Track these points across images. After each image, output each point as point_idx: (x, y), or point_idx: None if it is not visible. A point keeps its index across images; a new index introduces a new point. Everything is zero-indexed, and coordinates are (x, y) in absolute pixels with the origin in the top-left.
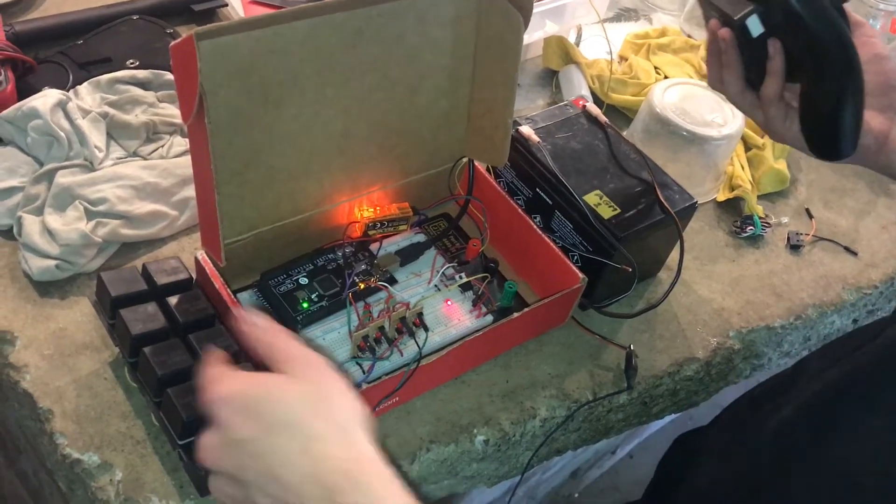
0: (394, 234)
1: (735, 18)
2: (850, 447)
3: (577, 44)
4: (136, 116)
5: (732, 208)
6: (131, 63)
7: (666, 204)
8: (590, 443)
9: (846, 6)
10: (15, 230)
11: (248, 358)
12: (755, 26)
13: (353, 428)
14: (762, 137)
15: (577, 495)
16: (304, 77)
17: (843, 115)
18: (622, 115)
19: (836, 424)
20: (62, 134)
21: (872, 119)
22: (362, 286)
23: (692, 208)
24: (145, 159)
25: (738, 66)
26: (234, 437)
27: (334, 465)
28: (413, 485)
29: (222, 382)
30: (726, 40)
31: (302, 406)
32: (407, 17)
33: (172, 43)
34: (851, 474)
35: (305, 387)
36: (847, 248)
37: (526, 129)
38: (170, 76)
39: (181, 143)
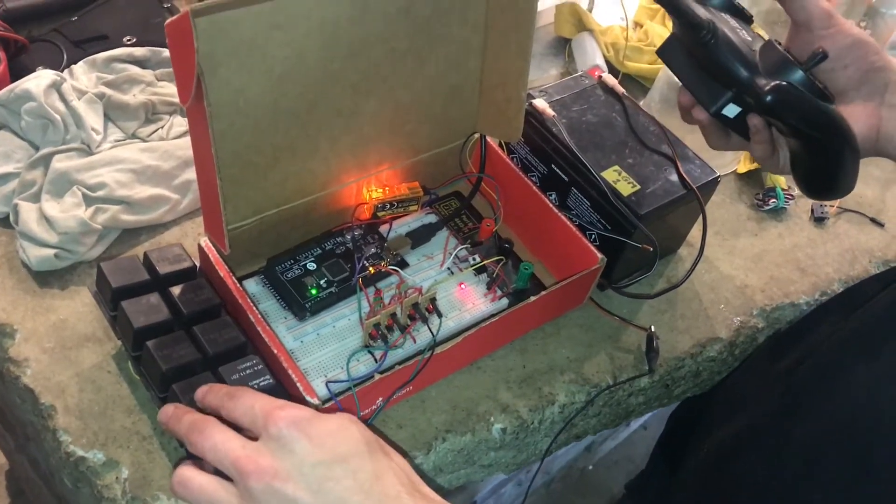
0: (404, 215)
1: (711, 111)
2: (850, 397)
3: (591, 10)
4: (134, 96)
5: (754, 180)
6: (128, 40)
7: (687, 179)
8: (610, 427)
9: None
10: (11, 218)
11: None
12: (731, 110)
13: (411, 472)
14: None
15: (591, 467)
16: (308, 52)
17: (837, 178)
18: (638, 84)
19: (839, 375)
20: (57, 116)
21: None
22: (373, 271)
23: (714, 183)
24: (144, 141)
25: (718, 132)
26: (304, 460)
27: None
28: (429, 476)
29: (290, 407)
30: (703, 121)
31: (366, 443)
32: None
33: (167, 20)
34: (851, 423)
35: (364, 429)
36: (873, 220)
37: (540, 103)
38: (168, 53)
39: (181, 123)
